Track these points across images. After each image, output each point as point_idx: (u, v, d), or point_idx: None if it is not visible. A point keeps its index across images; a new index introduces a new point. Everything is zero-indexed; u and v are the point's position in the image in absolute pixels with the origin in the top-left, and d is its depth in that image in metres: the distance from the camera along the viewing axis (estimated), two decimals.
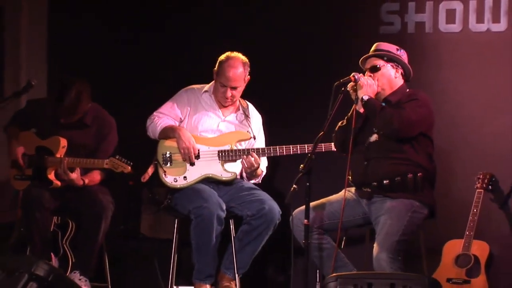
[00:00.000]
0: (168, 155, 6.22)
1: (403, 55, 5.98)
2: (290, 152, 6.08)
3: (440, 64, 6.85)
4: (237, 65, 6.21)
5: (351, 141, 5.73)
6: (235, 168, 6.22)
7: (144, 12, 7.46)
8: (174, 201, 6.19)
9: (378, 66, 5.91)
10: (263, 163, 6.30)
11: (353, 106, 5.81)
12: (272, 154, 6.17)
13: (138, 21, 7.45)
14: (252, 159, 6.09)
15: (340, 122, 5.86)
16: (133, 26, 7.41)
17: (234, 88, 6.22)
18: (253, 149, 6.17)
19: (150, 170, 6.20)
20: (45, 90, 7.03)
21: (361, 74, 5.84)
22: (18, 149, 6.38)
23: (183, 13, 7.37)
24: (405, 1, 6.94)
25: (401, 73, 5.98)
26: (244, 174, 6.32)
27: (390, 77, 5.94)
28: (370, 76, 5.86)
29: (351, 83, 5.73)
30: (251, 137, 6.28)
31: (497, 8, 6.71)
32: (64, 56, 7.27)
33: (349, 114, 5.86)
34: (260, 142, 6.36)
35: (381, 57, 5.94)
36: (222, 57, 6.29)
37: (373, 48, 6.03)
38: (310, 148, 5.83)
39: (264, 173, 6.38)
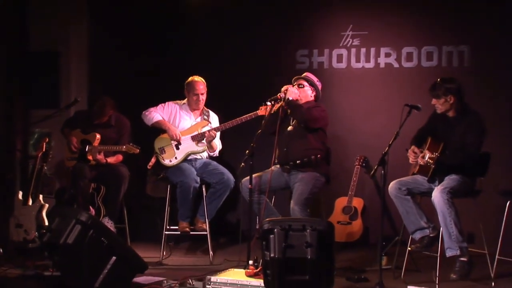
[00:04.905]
0: (162, 147, 6.22)
1: (319, 85, 6.04)
2: (235, 123, 6.01)
3: (333, 88, 6.92)
4: (200, 81, 6.27)
5: (278, 125, 5.71)
6: (203, 144, 6.21)
7: (155, 50, 7.37)
8: (167, 174, 6.20)
9: (303, 85, 5.97)
10: (217, 139, 6.27)
11: (281, 103, 5.76)
12: (224, 128, 6.11)
13: (156, 55, 7.33)
14: (212, 134, 6.11)
15: (269, 115, 5.69)
16: (148, 62, 7.24)
17: (202, 94, 6.27)
18: (212, 128, 6.18)
19: (153, 160, 6.18)
20: (86, 104, 7.01)
21: (289, 85, 5.85)
22: (74, 139, 6.35)
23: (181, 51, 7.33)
24: (311, 49, 7.04)
25: (314, 95, 6.04)
26: (207, 150, 6.28)
27: (308, 94, 5.99)
28: (297, 88, 5.90)
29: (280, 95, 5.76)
30: (208, 123, 6.29)
31: (368, 54, 6.88)
32: (100, 82, 7.15)
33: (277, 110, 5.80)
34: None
35: (307, 80, 6.00)
36: (188, 80, 6.31)
37: (304, 74, 6.06)
38: (244, 119, 5.93)
39: (218, 147, 6.32)
